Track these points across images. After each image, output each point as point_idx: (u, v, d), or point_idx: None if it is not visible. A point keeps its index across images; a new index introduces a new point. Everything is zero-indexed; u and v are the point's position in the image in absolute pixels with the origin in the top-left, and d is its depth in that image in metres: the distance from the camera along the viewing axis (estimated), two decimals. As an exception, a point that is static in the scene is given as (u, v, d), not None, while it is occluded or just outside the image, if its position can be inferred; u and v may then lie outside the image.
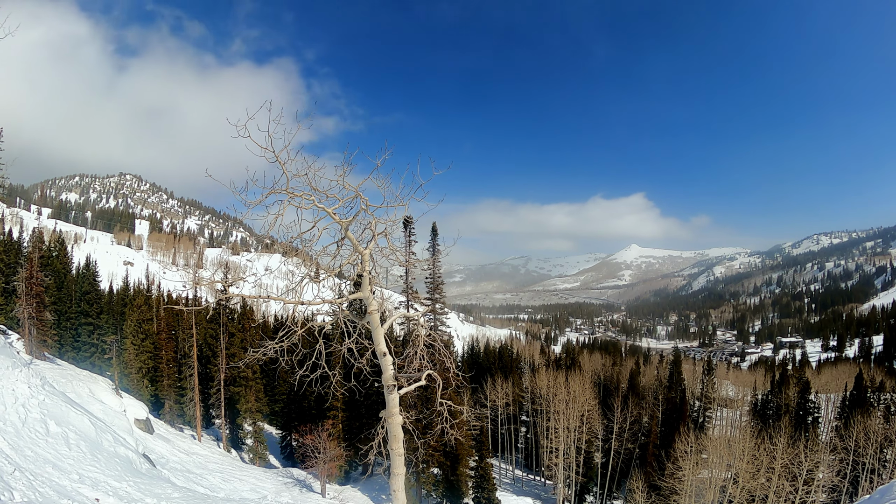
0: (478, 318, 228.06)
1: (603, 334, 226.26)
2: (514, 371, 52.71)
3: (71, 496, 9.29)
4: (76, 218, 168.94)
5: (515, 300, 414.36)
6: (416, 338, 9.53)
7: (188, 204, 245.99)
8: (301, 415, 30.61)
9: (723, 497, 26.00)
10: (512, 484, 42.99)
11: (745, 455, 24.99)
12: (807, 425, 39.50)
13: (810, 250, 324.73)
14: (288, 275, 13.48)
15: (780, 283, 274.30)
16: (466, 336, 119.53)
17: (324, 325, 9.23)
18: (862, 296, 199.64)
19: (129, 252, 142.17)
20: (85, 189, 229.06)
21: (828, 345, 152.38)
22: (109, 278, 67.14)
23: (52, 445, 12.00)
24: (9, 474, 8.73)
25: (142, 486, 11.96)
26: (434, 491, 26.69)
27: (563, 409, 34.67)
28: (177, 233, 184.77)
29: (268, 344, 8.56)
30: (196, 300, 38.81)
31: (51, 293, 29.53)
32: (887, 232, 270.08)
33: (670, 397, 43.64)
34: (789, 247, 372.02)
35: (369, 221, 8.86)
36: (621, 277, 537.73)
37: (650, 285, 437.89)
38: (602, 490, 39.11)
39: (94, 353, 31.51)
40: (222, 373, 30.03)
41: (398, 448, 8.72)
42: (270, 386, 38.63)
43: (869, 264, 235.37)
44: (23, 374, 14.35)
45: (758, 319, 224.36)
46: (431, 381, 9.61)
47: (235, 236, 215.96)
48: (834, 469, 28.58)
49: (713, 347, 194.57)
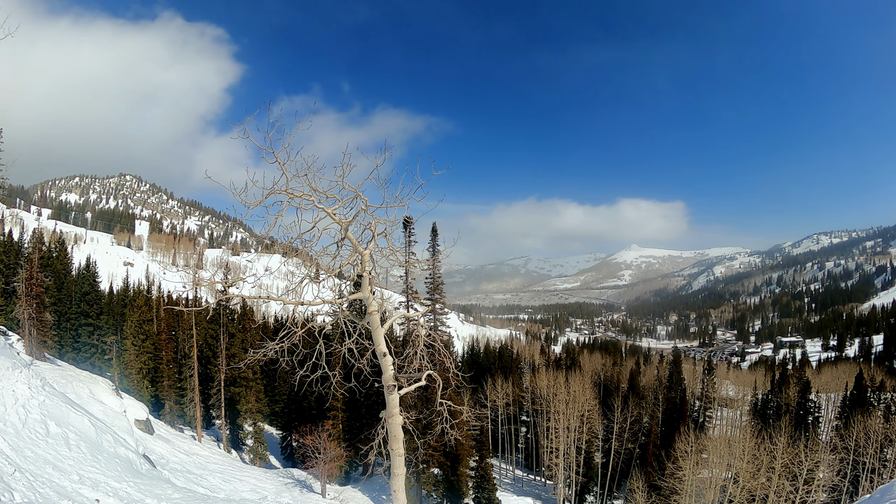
0: (478, 318, 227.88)
1: (603, 334, 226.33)
2: (515, 371, 52.70)
3: (71, 497, 9.29)
4: (76, 218, 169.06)
5: (515, 300, 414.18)
6: (416, 338, 9.54)
7: (188, 204, 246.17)
8: (301, 415, 30.57)
9: (723, 497, 26.00)
10: (512, 484, 42.97)
11: (746, 455, 24.98)
12: (807, 425, 39.52)
13: (810, 250, 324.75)
14: (288, 275, 13.48)
15: (780, 282, 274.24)
16: (466, 336, 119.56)
17: (324, 326, 9.24)
18: (862, 295, 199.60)
19: (129, 253, 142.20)
20: (85, 189, 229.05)
21: (828, 344, 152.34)
22: (109, 279, 67.22)
23: (53, 446, 11.98)
24: (9, 475, 8.73)
25: (142, 487, 11.95)
26: (434, 491, 26.69)
27: (563, 409, 34.65)
28: (177, 233, 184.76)
29: (268, 344, 8.57)
30: (196, 301, 38.89)
31: (51, 294, 29.52)
32: (887, 231, 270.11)
33: (670, 397, 43.64)
34: (789, 246, 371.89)
35: (369, 222, 8.87)
36: (621, 277, 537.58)
37: (650, 285, 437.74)
38: (602, 490, 39.09)
39: (95, 353, 31.50)
40: (222, 373, 30.01)
41: (398, 448, 8.72)
42: (271, 386, 38.63)
43: (869, 264, 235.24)
44: (23, 374, 14.34)
45: (758, 319, 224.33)
46: (431, 382, 9.63)
47: (235, 237, 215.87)
48: (834, 469, 28.60)
49: (713, 347, 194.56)
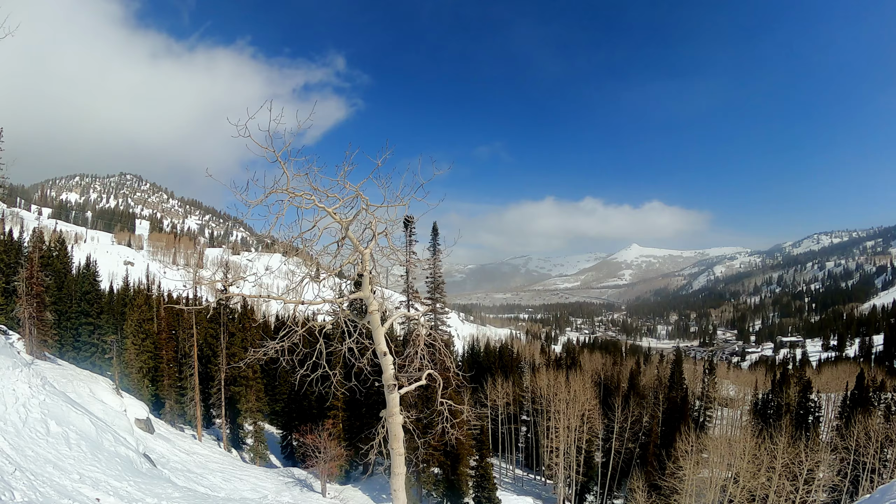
0: (478, 317, 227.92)
1: (603, 334, 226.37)
2: (515, 371, 52.69)
3: (72, 496, 9.29)
4: (76, 218, 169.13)
5: (516, 300, 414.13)
6: (416, 337, 9.52)
7: (188, 204, 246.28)
8: (301, 414, 30.57)
9: (723, 496, 25.97)
10: (512, 483, 42.98)
11: (746, 454, 24.97)
12: (807, 425, 39.55)
13: (811, 250, 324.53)
14: (288, 274, 13.46)
15: (781, 282, 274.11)
16: (467, 336, 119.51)
17: (324, 325, 9.23)
18: (862, 295, 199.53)
19: (129, 252, 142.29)
20: (85, 189, 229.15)
21: (828, 344, 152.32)
22: (110, 278, 67.14)
23: (53, 445, 11.99)
24: (10, 474, 8.73)
25: (142, 486, 11.96)
26: (434, 490, 26.68)
27: (563, 408, 34.64)
28: (177, 232, 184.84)
29: (268, 343, 8.55)
30: (196, 300, 38.86)
31: (51, 293, 29.48)
32: (888, 231, 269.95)
33: (671, 397, 43.62)
34: (790, 246, 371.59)
35: (370, 221, 8.85)
36: (622, 277, 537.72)
37: (650, 285, 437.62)
38: (602, 489, 39.08)
39: (95, 352, 31.48)
40: (223, 372, 30.02)
41: (398, 448, 8.71)
42: (271, 385, 38.64)
43: (869, 264, 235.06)
44: (23, 373, 14.35)
45: (758, 319, 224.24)
46: (432, 381, 9.61)
47: (236, 236, 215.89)
48: (834, 468, 28.59)
49: (714, 347, 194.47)
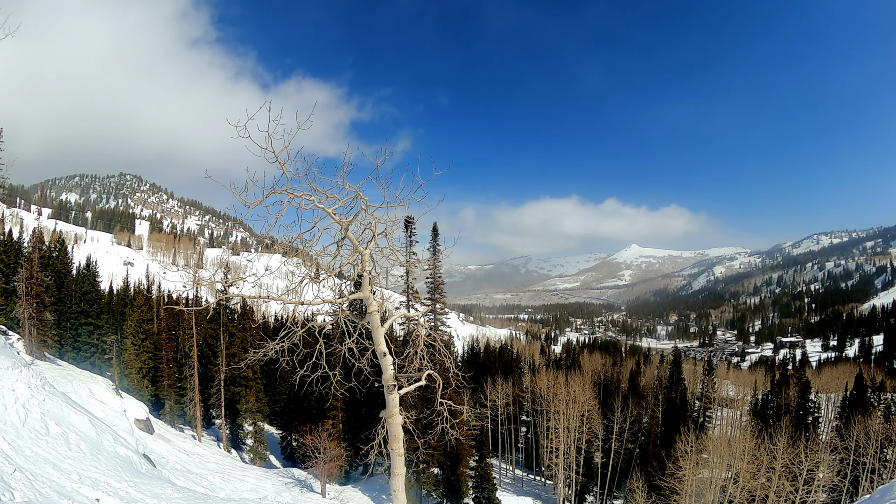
0: (478, 318, 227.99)
1: (603, 334, 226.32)
2: (515, 371, 52.69)
3: (71, 496, 9.28)
4: (76, 218, 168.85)
5: (515, 300, 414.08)
6: (416, 338, 9.53)
7: (188, 204, 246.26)
8: (301, 415, 30.57)
9: (723, 497, 25.98)
10: (512, 484, 42.96)
11: (746, 455, 24.97)
12: (807, 425, 39.51)
13: (810, 250, 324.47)
14: (288, 275, 13.46)
15: (781, 282, 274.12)
16: (466, 336, 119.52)
17: (324, 326, 9.23)
18: (862, 295, 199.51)
19: (129, 252, 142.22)
20: (85, 189, 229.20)
21: (828, 345, 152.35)
22: (110, 278, 67.19)
23: (53, 445, 11.98)
24: (9, 474, 8.73)
25: (142, 487, 11.95)
26: (434, 491, 26.68)
27: (563, 409, 34.64)
28: (177, 233, 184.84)
29: (268, 344, 8.56)
30: (196, 300, 38.87)
31: (51, 293, 29.49)
32: (887, 232, 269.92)
33: (670, 397, 43.60)
34: (789, 246, 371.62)
35: (369, 221, 8.86)
36: (621, 277, 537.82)
37: (650, 285, 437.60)
38: (602, 490, 39.07)
39: (95, 353, 31.48)
40: (223, 373, 30.02)
41: (398, 448, 8.72)
42: (271, 386, 38.60)
43: (869, 264, 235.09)
44: (23, 374, 14.34)
45: (758, 319, 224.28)
46: (432, 381, 9.62)
47: (235, 236, 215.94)
48: (834, 469, 28.59)
49: (713, 347, 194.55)
